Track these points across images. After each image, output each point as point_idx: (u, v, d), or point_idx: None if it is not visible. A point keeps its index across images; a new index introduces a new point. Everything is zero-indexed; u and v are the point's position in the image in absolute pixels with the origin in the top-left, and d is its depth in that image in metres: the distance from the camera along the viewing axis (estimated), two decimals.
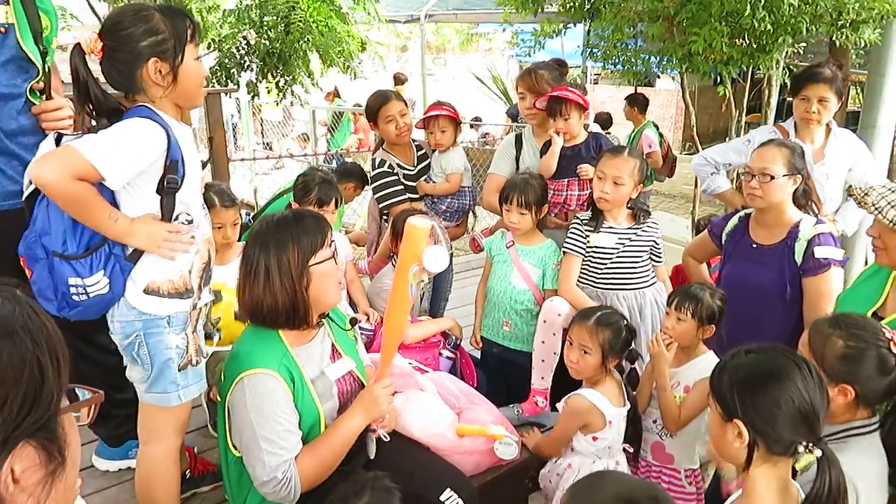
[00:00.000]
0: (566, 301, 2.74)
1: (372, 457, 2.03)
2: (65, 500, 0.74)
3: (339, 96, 10.63)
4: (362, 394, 1.99)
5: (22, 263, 1.83)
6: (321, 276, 1.86)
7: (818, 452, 1.39)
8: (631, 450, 2.47)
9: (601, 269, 2.81)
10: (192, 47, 1.81)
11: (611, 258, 2.79)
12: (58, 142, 1.84)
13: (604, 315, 2.38)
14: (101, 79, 1.82)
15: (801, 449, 1.39)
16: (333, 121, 10.57)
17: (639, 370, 2.58)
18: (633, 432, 2.43)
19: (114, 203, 1.81)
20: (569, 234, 2.84)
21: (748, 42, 4.09)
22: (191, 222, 1.93)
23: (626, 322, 2.39)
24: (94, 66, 1.79)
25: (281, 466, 1.77)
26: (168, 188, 1.84)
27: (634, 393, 2.48)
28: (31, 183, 1.82)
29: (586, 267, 2.83)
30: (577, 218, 2.86)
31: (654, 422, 2.43)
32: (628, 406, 2.36)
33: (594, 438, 2.29)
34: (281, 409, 1.80)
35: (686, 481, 2.41)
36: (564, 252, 2.85)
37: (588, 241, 2.78)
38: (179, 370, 1.94)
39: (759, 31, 3.79)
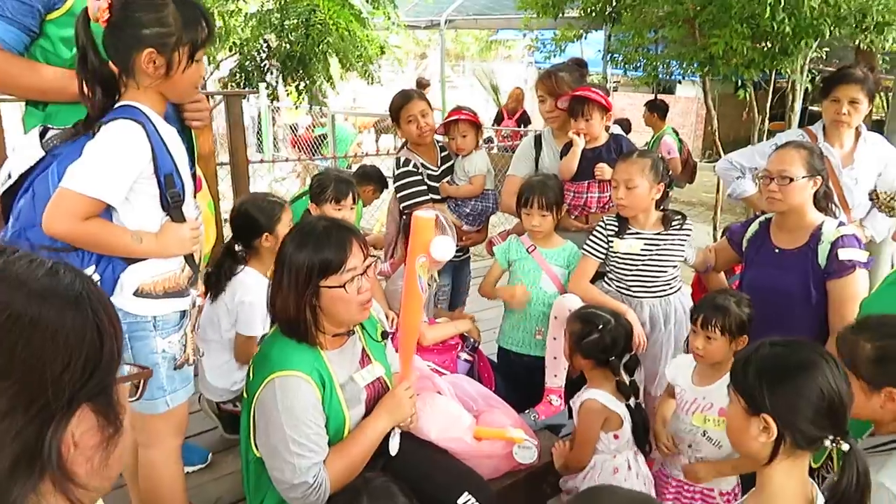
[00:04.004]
0: (578, 298, 2.69)
1: (394, 453, 1.99)
2: (117, 468, 0.77)
3: None
4: (385, 398, 1.98)
5: None
6: (331, 300, 1.81)
7: (845, 446, 1.34)
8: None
9: (626, 274, 2.75)
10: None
11: (636, 265, 2.72)
12: (42, 135, 1.77)
13: (589, 312, 2.42)
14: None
15: (827, 443, 1.35)
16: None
17: (637, 381, 2.50)
18: (642, 429, 2.40)
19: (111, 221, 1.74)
20: (591, 237, 2.79)
21: (770, 45, 4.05)
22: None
23: (605, 328, 2.32)
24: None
25: (312, 470, 1.75)
26: (173, 203, 1.79)
27: (639, 401, 2.44)
28: (8, 178, 1.75)
29: (612, 272, 2.79)
30: (603, 221, 2.80)
31: (690, 447, 2.32)
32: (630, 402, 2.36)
33: (615, 437, 2.27)
34: (311, 412, 1.78)
35: (721, 499, 2.31)
36: (583, 254, 2.80)
37: (611, 246, 2.73)
38: (176, 369, 1.89)
39: (780, 34, 3.75)
